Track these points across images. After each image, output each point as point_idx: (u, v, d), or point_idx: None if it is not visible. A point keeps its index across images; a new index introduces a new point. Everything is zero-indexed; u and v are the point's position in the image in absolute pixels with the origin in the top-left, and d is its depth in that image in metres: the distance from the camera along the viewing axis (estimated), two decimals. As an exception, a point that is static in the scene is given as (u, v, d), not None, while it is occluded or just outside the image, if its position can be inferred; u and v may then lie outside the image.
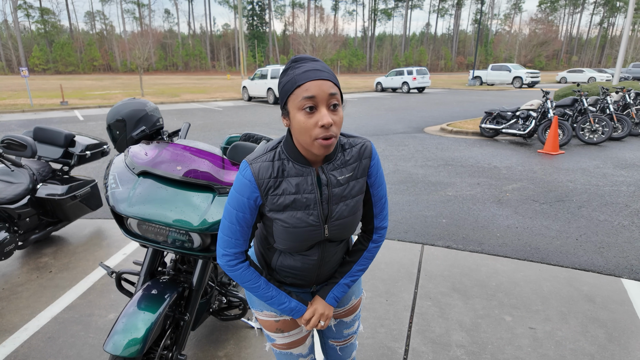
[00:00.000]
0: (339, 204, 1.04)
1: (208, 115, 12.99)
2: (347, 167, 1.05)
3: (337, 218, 1.05)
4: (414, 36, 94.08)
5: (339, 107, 0.95)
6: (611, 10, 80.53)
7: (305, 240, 1.05)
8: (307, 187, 1.01)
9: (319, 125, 0.91)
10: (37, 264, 3.09)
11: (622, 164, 6.15)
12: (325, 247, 1.11)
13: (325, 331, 1.38)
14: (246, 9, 79.12)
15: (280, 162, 1.01)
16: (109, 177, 1.67)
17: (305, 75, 0.92)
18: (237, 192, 1.02)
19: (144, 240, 1.65)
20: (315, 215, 1.02)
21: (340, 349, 1.40)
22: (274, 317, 1.23)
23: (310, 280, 1.18)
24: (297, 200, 1.01)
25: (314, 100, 0.91)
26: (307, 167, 1.01)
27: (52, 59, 65.87)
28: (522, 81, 25.94)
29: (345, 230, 1.08)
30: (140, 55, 20.24)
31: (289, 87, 0.93)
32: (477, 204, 4.43)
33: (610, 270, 2.96)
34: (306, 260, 1.11)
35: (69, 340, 2.21)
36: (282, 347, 1.28)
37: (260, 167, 1.00)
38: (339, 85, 0.97)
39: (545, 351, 2.11)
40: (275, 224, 1.03)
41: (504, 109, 8.22)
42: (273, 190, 1.01)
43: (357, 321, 1.38)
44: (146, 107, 2.06)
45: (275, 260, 1.14)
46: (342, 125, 1.01)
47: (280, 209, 1.02)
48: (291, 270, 1.14)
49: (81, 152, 3.28)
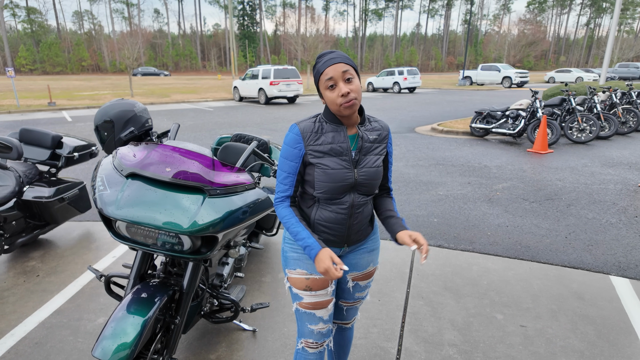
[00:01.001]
0: (367, 155, 1.36)
1: (198, 115, 12.90)
2: (374, 131, 1.40)
3: (364, 166, 1.35)
4: (404, 36, 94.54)
5: (354, 79, 1.26)
6: (597, 11, 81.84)
7: (340, 181, 1.31)
8: (340, 138, 1.33)
9: (340, 95, 1.24)
10: (24, 268, 3.04)
11: (609, 163, 6.25)
12: (354, 197, 1.36)
13: (339, 291, 1.58)
14: (237, 9, 78.78)
15: (320, 123, 1.35)
16: (97, 179, 1.64)
17: (325, 64, 1.27)
18: (287, 145, 1.34)
19: (133, 243, 1.63)
20: (347, 160, 1.32)
21: (346, 310, 1.62)
22: (305, 275, 1.42)
23: (342, 235, 1.40)
24: (333, 149, 1.32)
25: (332, 79, 1.25)
26: (340, 125, 1.34)
27: (39, 59, 64.86)
28: (511, 81, 26.22)
29: (370, 180, 1.35)
30: (129, 55, 19.99)
31: (316, 75, 1.30)
32: (468, 203, 4.46)
33: (599, 267, 3.01)
34: (339, 210, 1.36)
35: (57, 346, 2.17)
36: (307, 306, 1.44)
37: (305, 125, 1.34)
38: (352, 64, 1.28)
39: (536, 349, 2.13)
40: (317, 169, 1.32)
41: (493, 108, 8.30)
42: (314, 141, 1.32)
43: (368, 287, 1.61)
44: (135, 108, 2.03)
45: (313, 215, 1.39)
46: (360, 91, 1.29)
47: (321, 155, 1.32)
48: (326, 222, 1.38)
49: (69, 153, 3.22)
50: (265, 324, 2.35)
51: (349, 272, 1.54)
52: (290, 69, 16.49)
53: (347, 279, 1.55)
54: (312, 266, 1.42)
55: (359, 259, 1.52)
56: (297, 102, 17.40)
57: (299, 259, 1.43)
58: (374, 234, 1.56)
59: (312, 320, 1.46)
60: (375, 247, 1.55)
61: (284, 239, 1.50)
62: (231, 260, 2.31)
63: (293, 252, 1.45)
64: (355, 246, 1.50)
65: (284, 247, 1.49)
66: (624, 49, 36.77)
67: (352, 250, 1.50)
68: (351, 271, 1.53)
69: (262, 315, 2.44)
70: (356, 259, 1.52)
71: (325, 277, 1.28)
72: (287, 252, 1.47)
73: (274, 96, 16.26)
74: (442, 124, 9.99)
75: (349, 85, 1.25)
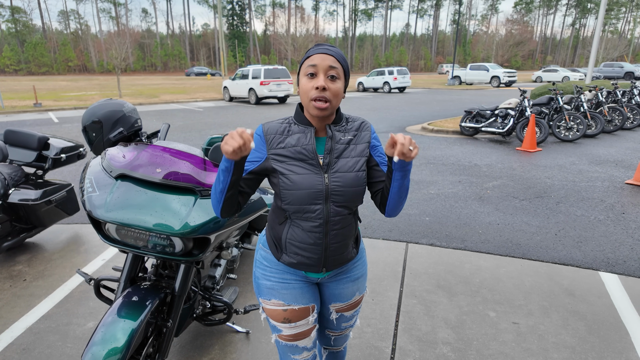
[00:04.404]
0: (340, 158, 1.19)
1: (188, 116, 12.78)
2: (349, 132, 1.23)
3: (337, 170, 1.17)
4: (394, 36, 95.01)
5: (338, 80, 1.12)
6: (582, 11, 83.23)
7: (307, 188, 1.14)
8: (305, 140, 1.17)
9: (315, 87, 1.10)
10: (10, 273, 2.97)
11: (597, 160, 6.35)
12: (330, 210, 1.17)
13: (324, 322, 1.45)
14: (226, 9, 78.32)
15: (288, 124, 1.21)
16: (85, 181, 1.60)
17: (315, 50, 1.14)
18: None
19: (124, 245, 1.60)
20: (314, 165, 1.16)
21: (334, 339, 1.49)
22: (282, 307, 1.27)
23: (319, 258, 1.22)
24: (298, 151, 1.16)
25: (315, 68, 1.10)
26: (308, 126, 1.19)
27: (24, 59, 63.66)
28: (499, 80, 26.52)
29: (346, 187, 1.17)
30: (117, 55, 19.72)
31: (303, 59, 1.16)
32: (459, 201, 4.49)
33: (588, 263, 3.05)
34: (312, 228, 1.18)
35: (45, 352, 2.12)
36: (288, 338, 1.31)
37: (270, 126, 1.20)
38: (344, 65, 1.15)
39: (528, 345, 2.15)
40: (281, 175, 1.16)
41: (483, 107, 8.37)
42: (277, 144, 1.18)
43: (356, 316, 1.46)
44: (124, 108, 2.00)
45: (285, 234, 1.22)
46: (339, 97, 1.13)
47: (284, 159, 1.17)
48: (300, 242, 1.21)
49: (56, 155, 3.16)
50: (259, 326, 2.33)
51: (331, 303, 1.38)
52: (281, 69, 16.44)
53: (330, 310, 1.40)
54: (289, 296, 1.27)
55: (342, 289, 1.35)
56: (288, 102, 17.35)
57: (272, 287, 1.28)
58: (360, 258, 1.38)
59: (295, 351, 1.33)
60: (361, 274, 1.38)
61: (255, 261, 1.33)
62: (223, 261, 2.28)
63: (265, 279, 1.29)
64: (338, 273, 1.33)
65: (255, 271, 1.32)
66: (609, 48, 37.46)
67: (333, 279, 1.34)
68: (333, 302, 1.38)
69: (255, 317, 2.42)
70: (339, 289, 1.35)
71: (233, 148, 0.99)
72: (259, 278, 1.30)
73: (264, 96, 16.19)
74: (432, 124, 10.05)
75: (330, 83, 1.10)
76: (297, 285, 1.29)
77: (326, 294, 1.37)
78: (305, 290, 1.30)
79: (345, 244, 1.25)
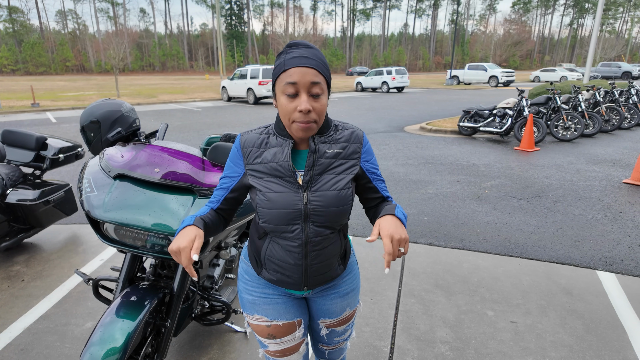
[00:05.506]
0: (323, 174, 1.07)
1: (187, 116, 12.77)
2: (336, 144, 1.10)
3: (318, 189, 1.05)
4: (392, 36, 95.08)
5: (322, 95, 0.99)
6: (580, 11, 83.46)
7: (284, 208, 1.05)
8: (281, 156, 1.05)
9: (299, 110, 0.96)
10: (8, 273, 2.96)
11: (594, 160, 6.37)
12: (309, 231, 1.07)
13: (315, 336, 1.35)
14: (224, 9, 78.22)
15: (266, 135, 1.09)
16: (84, 181, 1.60)
17: (292, 61, 0.96)
18: (229, 157, 1.14)
19: (122, 245, 1.60)
20: (292, 182, 1.05)
21: (328, 353, 1.39)
22: (265, 322, 1.20)
23: (298, 275, 1.12)
24: (274, 168, 1.06)
25: (295, 86, 0.96)
26: (287, 139, 1.06)
27: (21, 59, 63.48)
28: (497, 80, 26.57)
29: (326, 207, 1.05)
30: (115, 55, 19.70)
31: (277, 71, 0.99)
32: (457, 201, 4.50)
33: (586, 262, 3.06)
34: (290, 247, 1.09)
35: (43, 352, 2.12)
36: (275, 354, 1.24)
37: (247, 138, 1.10)
38: (325, 74, 1.01)
39: (526, 344, 2.15)
40: (259, 192, 1.07)
41: (481, 107, 8.39)
42: (254, 159, 1.08)
43: (349, 330, 1.35)
44: (122, 108, 1.99)
45: (264, 250, 1.14)
46: (324, 113, 1.01)
47: (261, 176, 1.07)
48: (279, 261, 1.12)
49: (54, 155, 3.16)
50: (257, 325, 2.33)
51: (320, 318, 1.28)
52: (279, 69, 16.42)
53: (320, 325, 1.30)
54: (271, 311, 1.19)
55: (330, 304, 1.25)
56: (286, 102, 17.32)
57: (254, 302, 1.20)
58: (349, 273, 1.27)
59: None
60: (351, 289, 1.27)
61: (238, 273, 1.27)
62: (222, 261, 2.28)
63: (247, 294, 1.21)
64: (324, 289, 1.23)
65: (239, 284, 1.25)
66: (606, 48, 37.57)
67: (319, 295, 1.24)
68: (322, 318, 1.28)
69: (254, 317, 2.42)
70: (327, 305, 1.25)
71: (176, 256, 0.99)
72: (242, 292, 1.23)
73: (263, 96, 16.19)
74: (431, 123, 10.07)
75: (314, 102, 0.97)
76: (281, 300, 1.20)
77: (314, 309, 1.28)
78: (290, 305, 1.22)
79: (328, 263, 1.15)
